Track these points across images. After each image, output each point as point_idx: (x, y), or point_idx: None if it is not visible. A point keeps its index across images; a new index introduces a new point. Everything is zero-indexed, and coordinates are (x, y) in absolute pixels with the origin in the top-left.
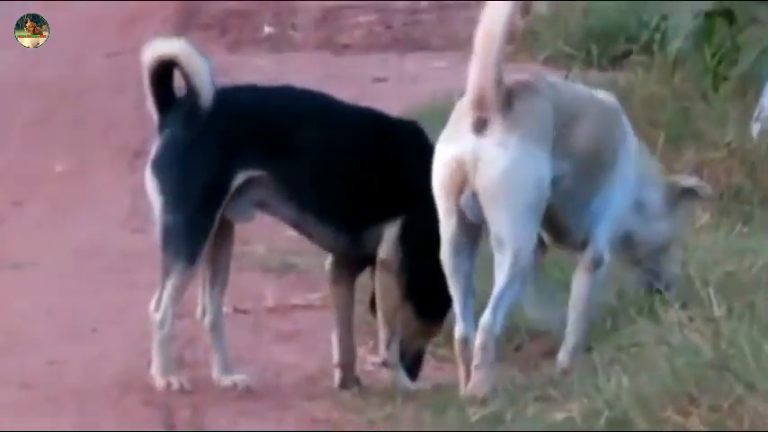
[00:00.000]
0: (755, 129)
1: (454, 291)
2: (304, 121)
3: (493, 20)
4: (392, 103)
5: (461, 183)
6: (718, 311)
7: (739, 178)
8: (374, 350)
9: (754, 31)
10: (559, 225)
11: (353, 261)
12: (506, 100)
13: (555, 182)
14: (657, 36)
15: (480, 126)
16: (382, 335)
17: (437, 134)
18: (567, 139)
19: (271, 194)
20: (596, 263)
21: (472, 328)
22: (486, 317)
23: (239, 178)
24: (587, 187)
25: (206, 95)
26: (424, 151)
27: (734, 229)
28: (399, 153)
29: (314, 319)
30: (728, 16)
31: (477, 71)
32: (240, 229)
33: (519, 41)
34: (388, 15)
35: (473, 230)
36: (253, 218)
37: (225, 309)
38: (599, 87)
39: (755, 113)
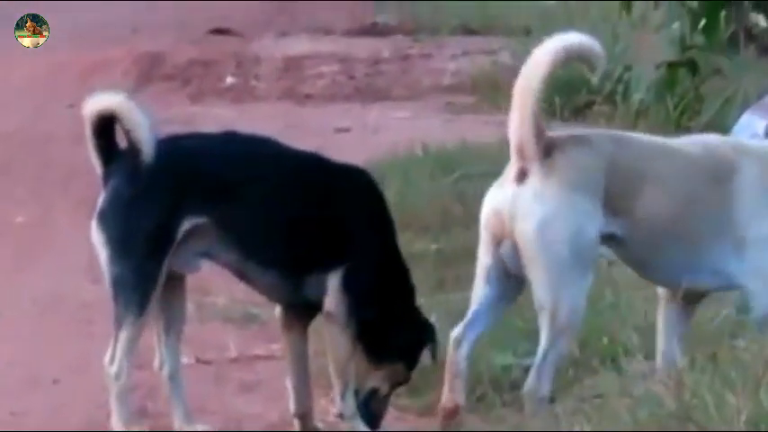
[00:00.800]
0: None
1: (473, 307)
2: (246, 168)
3: (531, 73)
4: (354, 154)
5: (500, 230)
6: (681, 362)
7: None
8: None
9: (716, 82)
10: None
11: (300, 309)
12: (546, 151)
13: (618, 241)
14: (620, 87)
15: (521, 176)
16: (336, 387)
17: (397, 183)
18: (635, 198)
19: (214, 243)
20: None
21: (470, 339)
22: (529, 382)
23: (185, 225)
24: (691, 248)
25: (147, 149)
26: (369, 198)
27: None
28: (343, 200)
29: (276, 369)
30: (691, 67)
31: (515, 123)
32: (201, 280)
33: (482, 92)
34: (351, 66)
35: (508, 275)
36: (199, 268)
37: (187, 359)
38: None
39: None
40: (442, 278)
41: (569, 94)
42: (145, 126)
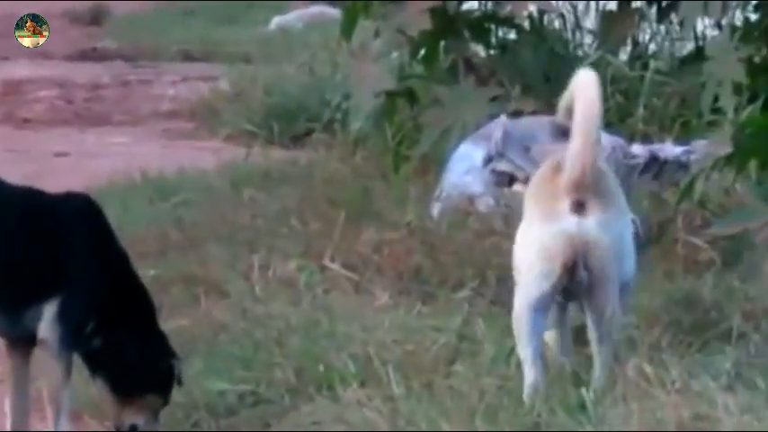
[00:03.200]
0: (436, 209)
1: (527, 348)
2: None
3: (588, 100)
4: (72, 179)
5: (566, 261)
6: (397, 390)
7: (419, 258)
8: None
9: (435, 112)
10: None
11: (23, 340)
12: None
13: None
14: (339, 115)
15: (579, 207)
16: (49, 413)
17: (115, 209)
18: None
19: None
20: None
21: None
22: (598, 378)
23: None
24: None
25: None
26: (84, 225)
27: (414, 308)
28: (56, 230)
29: None
30: (410, 96)
31: (578, 154)
32: None
33: (200, 119)
34: (70, 90)
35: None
36: None
37: None
38: (280, 165)
39: (436, 193)
40: (159, 304)
41: (288, 121)
42: None
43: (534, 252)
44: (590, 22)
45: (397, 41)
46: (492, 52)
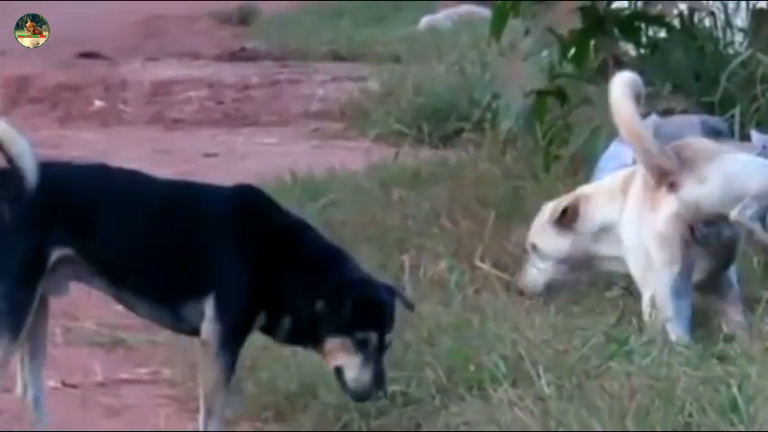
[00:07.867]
0: None
1: (680, 334)
2: (112, 200)
3: (624, 115)
4: (222, 179)
5: (683, 237)
6: (548, 390)
7: None
8: None
9: (585, 111)
10: None
11: (187, 332)
12: (677, 155)
13: None
14: (489, 114)
15: (675, 186)
16: (201, 412)
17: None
18: None
19: (85, 270)
20: None
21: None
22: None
23: (54, 255)
24: None
25: (31, 177)
26: (239, 219)
27: (564, 308)
28: (209, 225)
29: (142, 393)
30: (560, 95)
31: (642, 160)
32: (68, 305)
33: (350, 119)
34: (219, 91)
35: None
36: (68, 292)
37: (54, 383)
38: (430, 165)
39: None
40: None
41: (437, 121)
42: (29, 153)
43: (659, 239)
44: (741, 20)
45: (547, 40)
46: (642, 51)
